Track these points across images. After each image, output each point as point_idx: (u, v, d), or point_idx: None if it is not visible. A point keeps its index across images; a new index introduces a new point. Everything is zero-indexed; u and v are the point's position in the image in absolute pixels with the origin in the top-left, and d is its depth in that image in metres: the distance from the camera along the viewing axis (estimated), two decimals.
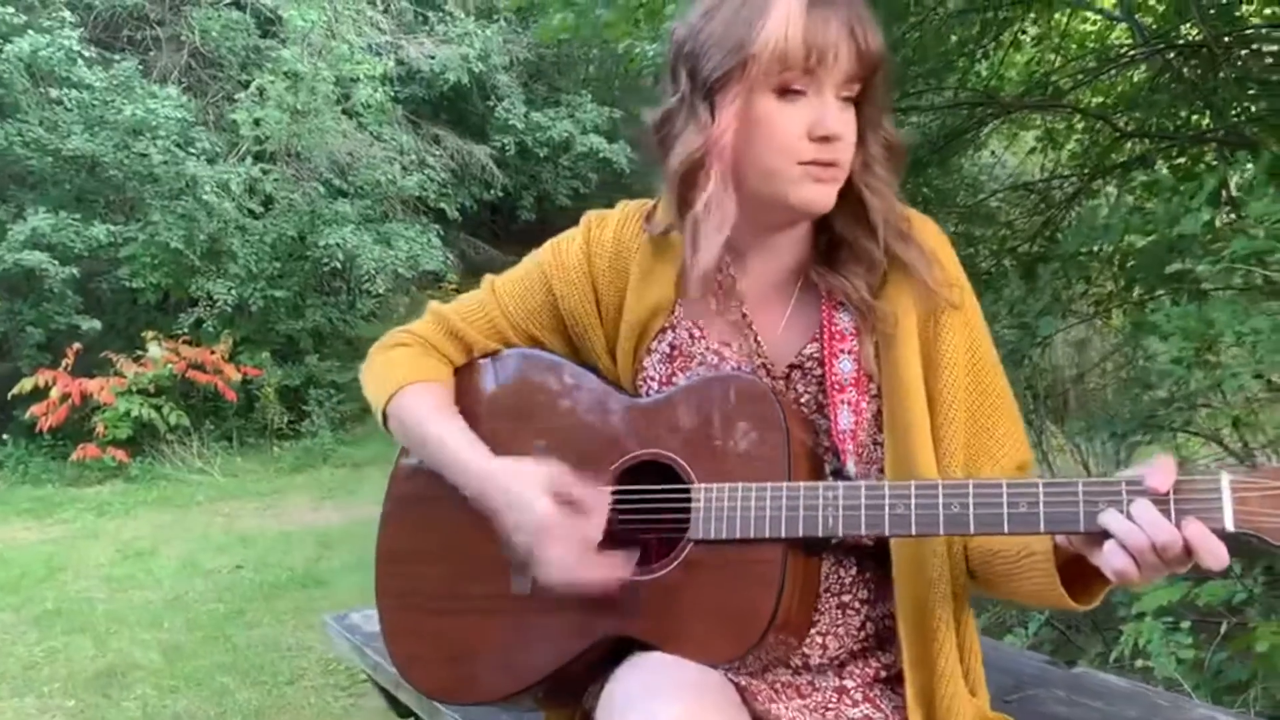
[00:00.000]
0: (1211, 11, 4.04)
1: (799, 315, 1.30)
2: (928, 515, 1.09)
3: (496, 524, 1.25)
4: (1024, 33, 5.14)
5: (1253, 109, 3.96)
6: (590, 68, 12.72)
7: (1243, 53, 4.20)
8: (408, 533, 1.41)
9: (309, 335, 10.14)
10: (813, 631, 1.23)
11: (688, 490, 1.21)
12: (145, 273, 8.99)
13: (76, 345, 8.55)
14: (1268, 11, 4.28)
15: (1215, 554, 0.97)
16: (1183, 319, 2.58)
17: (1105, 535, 1.01)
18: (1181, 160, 4.39)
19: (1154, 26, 4.42)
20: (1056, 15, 5.00)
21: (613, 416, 1.31)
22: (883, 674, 1.28)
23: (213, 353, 8.97)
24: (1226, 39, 4.10)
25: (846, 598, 1.26)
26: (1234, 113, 4.01)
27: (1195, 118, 4.38)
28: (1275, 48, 4.22)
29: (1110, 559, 1.00)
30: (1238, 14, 4.32)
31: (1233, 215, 3.36)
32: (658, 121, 1.26)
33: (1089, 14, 4.94)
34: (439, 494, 1.33)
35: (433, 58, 10.82)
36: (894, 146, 1.26)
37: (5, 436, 8.76)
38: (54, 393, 8.28)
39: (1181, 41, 4.29)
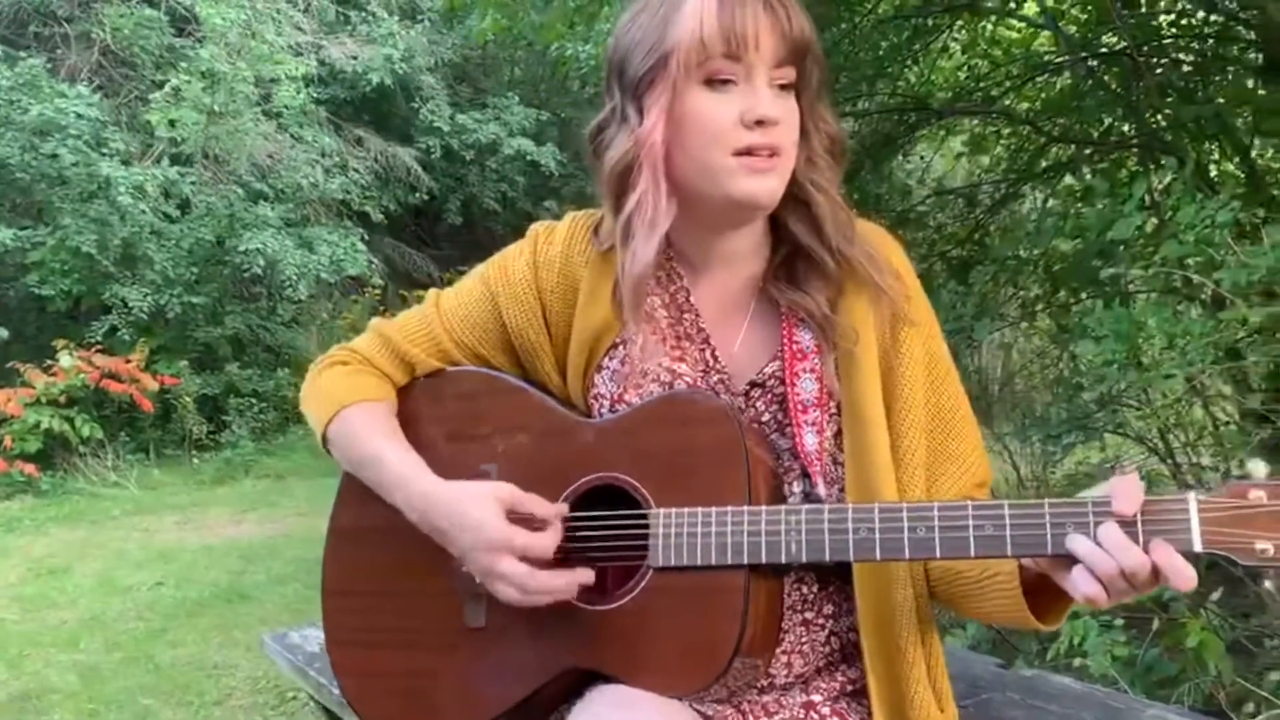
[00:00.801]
0: (1131, 21, 4.14)
1: (757, 331, 1.27)
2: (893, 540, 1.07)
3: (447, 548, 1.20)
4: (954, 39, 5.23)
5: (1170, 115, 4.06)
6: (516, 70, 12.61)
7: (1162, 61, 4.31)
8: (354, 563, 1.35)
9: (228, 343, 9.85)
10: (778, 651, 1.20)
11: (645, 515, 1.16)
12: (55, 279, 8.67)
13: None
14: (1183, 22, 4.40)
15: (1184, 576, 0.96)
16: (1115, 322, 2.62)
17: (1072, 558, 1.00)
18: (1104, 165, 4.49)
19: (1077, 35, 4.52)
20: (983, 22, 5.09)
21: (565, 438, 1.26)
22: (849, 688, 1.26)
23: (128, 362, 8.64)
24: (1145, 48, 4.20)
25: (810, 614, 1.23)
26: (1153, 120, 4.10)
27: (1117, 124, 4.48)
28: (1192, 57, 4.35)
29: (1079, 584, 0.99)
30: (1155, 23, 4.44)
31: (1154, 220, 3.43)
32: (592, 132, 1.26)
33: (1014, 21, 5.03)
34: (385, 522, 1.27)
35: (355, 58, 10.62)
36: (836, 139, 1.25)
37: None
38: None
39: (1104, 50, 4.39)
